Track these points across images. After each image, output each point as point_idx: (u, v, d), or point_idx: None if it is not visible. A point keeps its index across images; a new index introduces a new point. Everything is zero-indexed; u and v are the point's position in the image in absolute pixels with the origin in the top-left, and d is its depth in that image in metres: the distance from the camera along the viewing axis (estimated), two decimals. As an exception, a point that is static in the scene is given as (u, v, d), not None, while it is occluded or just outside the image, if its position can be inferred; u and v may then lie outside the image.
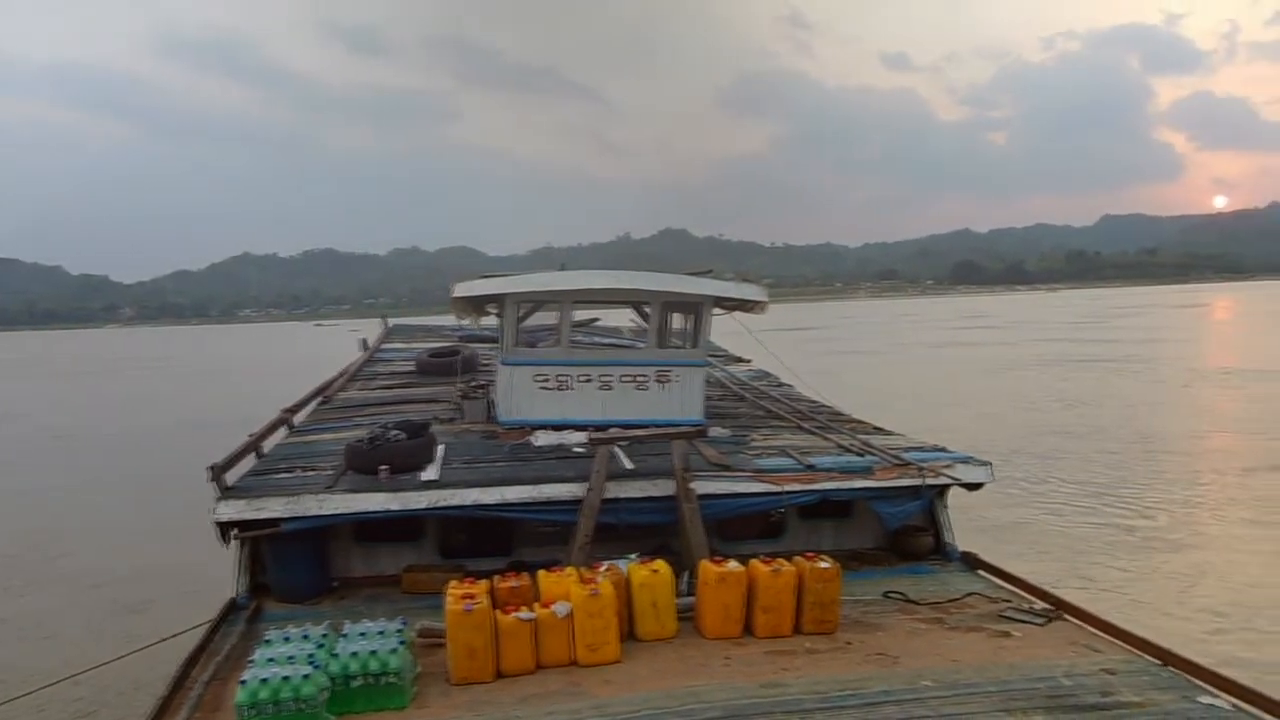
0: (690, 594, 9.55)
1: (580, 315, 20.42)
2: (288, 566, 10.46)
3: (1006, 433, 31.03)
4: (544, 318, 15.29)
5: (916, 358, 68.39)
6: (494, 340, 18.37)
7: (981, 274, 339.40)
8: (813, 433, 13.72)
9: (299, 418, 15.37)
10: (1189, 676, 8.01)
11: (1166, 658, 8.37)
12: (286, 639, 7.89)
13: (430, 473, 10.94)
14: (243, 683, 7.11)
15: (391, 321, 29.51)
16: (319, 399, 17.12)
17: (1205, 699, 7.57)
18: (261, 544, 10.43)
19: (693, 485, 10.52)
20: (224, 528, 10.24)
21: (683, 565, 10.01)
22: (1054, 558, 17.88)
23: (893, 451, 12.16)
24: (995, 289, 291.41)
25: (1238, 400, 39.96)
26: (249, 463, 12.08)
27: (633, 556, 9.66)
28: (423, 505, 10.39)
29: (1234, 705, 7.45)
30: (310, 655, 7.49)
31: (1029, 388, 46.53)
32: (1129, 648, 8.74)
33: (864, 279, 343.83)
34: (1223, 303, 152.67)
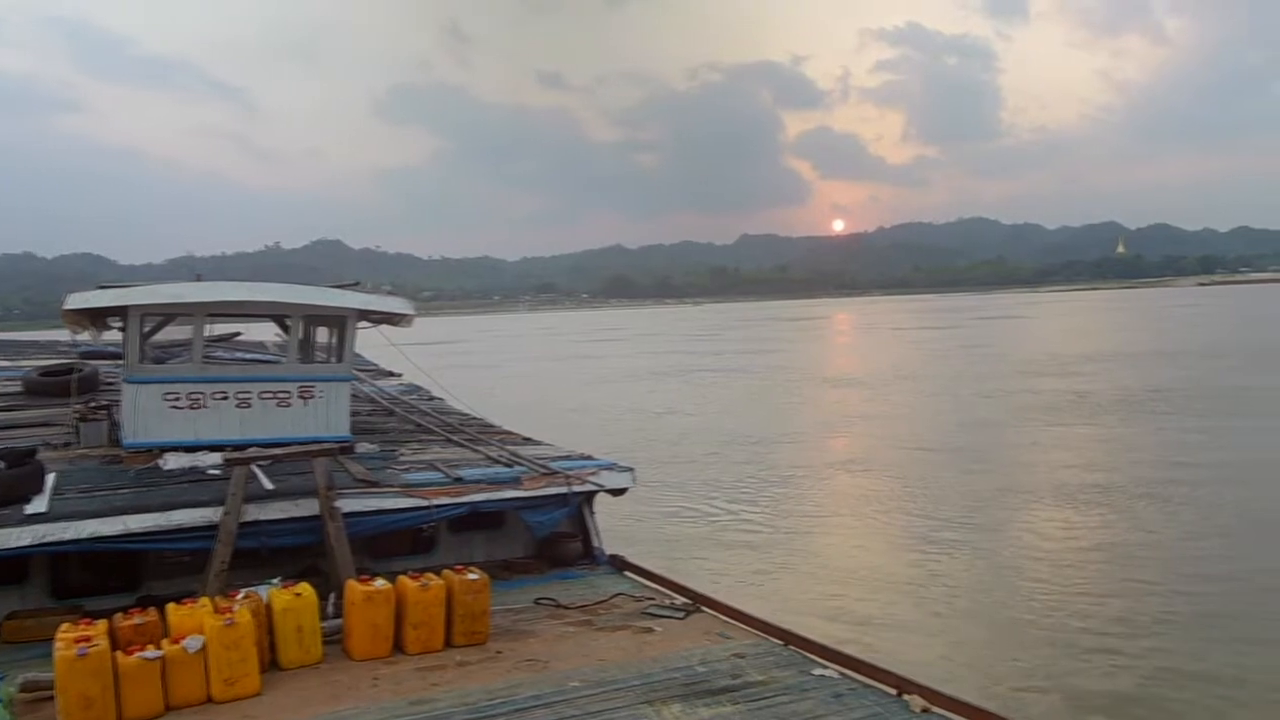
0: (338, 615, 9.29)
1: (221, 329, 19.18)
2: None
3: (621, 440, 32.57)
4: (181, 333, 14.23)
5: (544, 369, 70.80)
6: (120, 356, 16.83)
7: (633, 288, 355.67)
8: (462, 445, 13.76)
9: None
10: (806, 653, 8.88)
11: (788, 638, 9.21)
12: None
13: (37, 505, 9.81)
14: None
15: (-9, 336, 26.11)
16: None
17: (819, 671, 8.42)
18: None
19: (338, 503, 10.22)
20: None
21: (330, 586, 9.69)
22: (690, 554, 19.08)
23: (541, 461, 12.46)
24: (646, 302, 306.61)
25: (830, 405, 44.52)
26: None
27: (275, 581, 9.24)
28: (26, 542, 9.28)
29: (841, 673, 8.35)
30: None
31: (642, 397, 49.39)
32: (757, 632, 9.53)
33: (523, 292, 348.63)
34: (838, 315, 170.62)
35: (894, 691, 7.88)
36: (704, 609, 10.31)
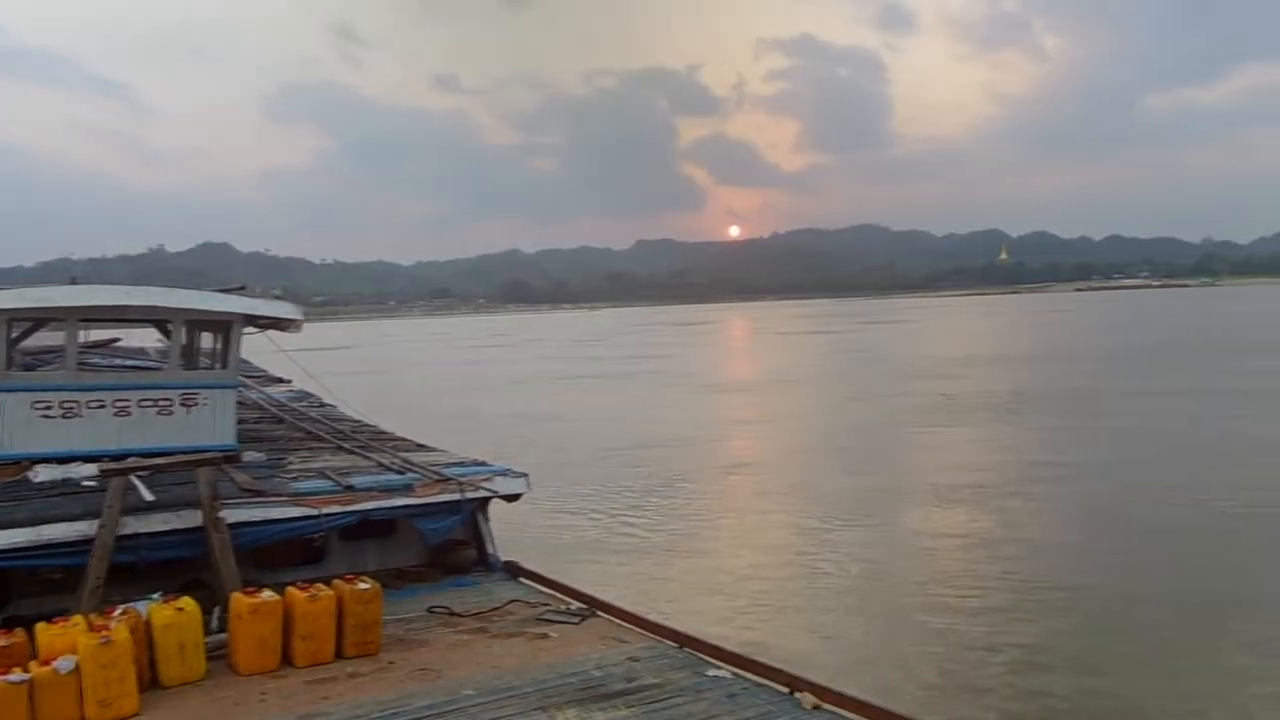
0: (223, 630, 9.03)
1: (99, 335, 18.46)
2: None
3: (509, 445, 31.99)
4: (55, 339, 13.62)
5: (435, 375, 70.13)
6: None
7: (531, 292, 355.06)
8: (354, 452, 13.53)
9: None
10: (700, 654, 8.99)
11: (682, 640, 9.31)
12: None
13: (-108, 522, 9.28)
14: None
15: None
16: None
17: (713, 672, 8.55)
18: None
19: (222, 514, 9.90)
20: None
21: (215, 600, 9.41)
22: (584, 559, 19.07)
23: (434, 467, 12.31)
24: (543, 307, 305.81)
25: (715, 409, 44.81)
26: None
27: (156, 596, 8.91)
28: None
29: (734, 674, 8.49)
30: None
31: (530, 402, 49.05)
32: (651, 635, 9.61)
33: (418, 297, 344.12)
34: (731, 320, 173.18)
35: (786, 689, 8.04)
36: (599, 613, 10.33)
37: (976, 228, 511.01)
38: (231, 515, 10.04)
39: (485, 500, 11.97)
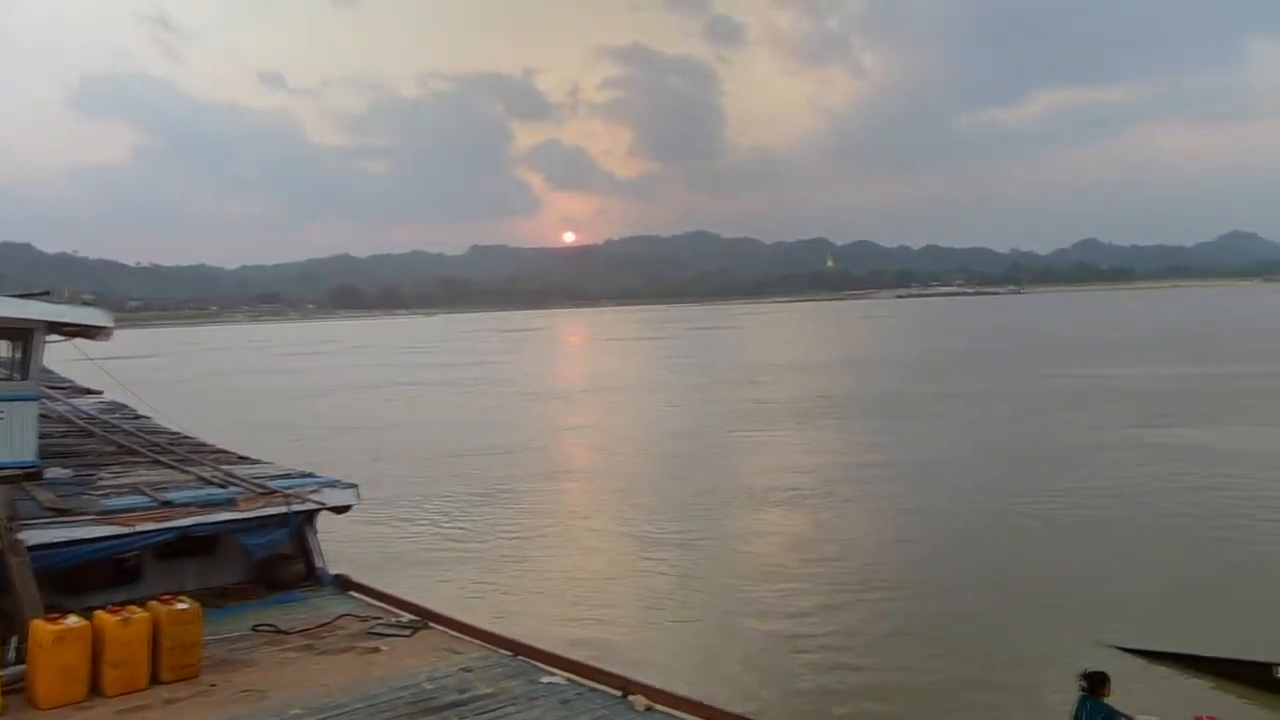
0: (21, 661, 8.43)
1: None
2: None
3: (335, 455, 31.47)
4: None
5: (246, 385, 68.09)
6: None
7: (362, 298, 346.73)
8: (171, 466, 12.90)
9: None
10: (534, 662, 9.01)
11: (516, 648, 9.30)
12: None
13: None
14: None
15: None
16: None
17: (546, 679, 8.57)
18: None
19: (21, 536, 9.27)
20: None
21: (12, 628, 8.78)
22: (417, 570, 18.75)
23: (258, 480, 11.88)
24: (375, 312, 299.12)
25: (538, 417, 45.03)
26: None
27: (-59, 629, 8.26)
28: None
29: (569, 679, 8.55)
30: None
31: (356, 412, 48.44)
32: (485, 645, 9.56)
33: (243, 302, 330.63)
34: (562, 326, 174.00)
35: (619, 693, 8.13)
36: (431, 625, 10.20)
37: (804, 236, 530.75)
38: (32, 536, 9.42)
39: (313, 513, 11.63)
